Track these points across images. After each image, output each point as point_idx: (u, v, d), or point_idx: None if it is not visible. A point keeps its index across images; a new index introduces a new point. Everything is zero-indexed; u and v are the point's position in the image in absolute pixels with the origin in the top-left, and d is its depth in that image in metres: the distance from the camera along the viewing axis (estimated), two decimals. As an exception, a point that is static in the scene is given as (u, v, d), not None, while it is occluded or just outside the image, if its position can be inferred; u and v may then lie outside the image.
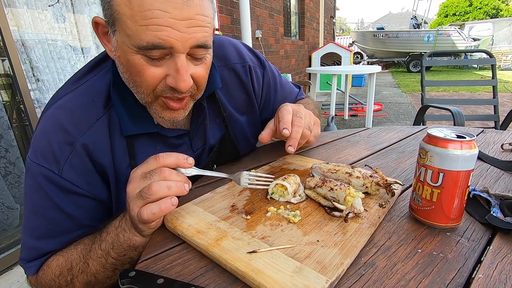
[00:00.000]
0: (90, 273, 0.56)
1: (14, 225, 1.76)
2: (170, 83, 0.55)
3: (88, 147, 0.61)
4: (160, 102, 0.60)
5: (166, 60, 0.54)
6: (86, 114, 0.61)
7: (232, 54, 0.82)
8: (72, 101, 0.62)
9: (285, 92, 0.96)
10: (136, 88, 0.58)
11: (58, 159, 0.58)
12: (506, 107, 4.22)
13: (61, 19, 1.99)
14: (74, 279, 0.57)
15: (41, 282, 0.60)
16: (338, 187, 0.53)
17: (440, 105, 2.00)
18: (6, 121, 1.70)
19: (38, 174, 0.58)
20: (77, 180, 0.60)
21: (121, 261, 0.56)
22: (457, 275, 0.40)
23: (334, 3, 11.56)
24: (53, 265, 0.60)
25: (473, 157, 0.45)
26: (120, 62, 0.57)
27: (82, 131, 0.60)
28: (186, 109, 0.63)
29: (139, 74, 0.55)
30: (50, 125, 0.60)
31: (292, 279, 0.38)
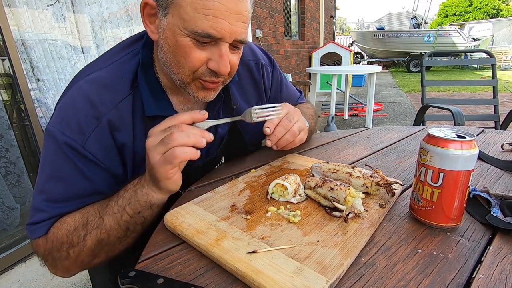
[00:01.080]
0: (104, 230, 0.58)
1: (14, 224, 1.76)
2: (212, 66, 0.61)
3: (113, 124, 0.64)
4: (197, 83, 0.65)
5: (211, 45, 0.60)
6: (114, 92, 0.65)
7: (247, 51, 0.87)
8: (102, 77, 0.66)
9: (289, 93, 1.01)
10: (177, 68, 0.63)
11: (83, 131, 0.62)
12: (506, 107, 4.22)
13: (61, 18, 1.99)
14: (87, 235, 0.58)
15: (52, 240, 0.60)
16: (338, 187, 0.53)
17: (440, 105, 2.00)
18: (6, 121, 1.70)
19: (62, 142, 0.61)
20: (98, 154, 0.63)
21: (135, 220, 0.58)
22: (458, 275, 0.40)
23: (334, 3, 11.55)
24: (69, 221, 0.61)
25: (473, 157, 0.45)
26: (166, 43, 0.61)
27: (109, 107, 0.64)
28: (216, 91, 0.70)
29: (185, 55, 0.60)
30: (80, 97, 0.63)
31: (292, 279, 0.38)
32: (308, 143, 0.96)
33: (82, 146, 0.61)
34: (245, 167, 0.78)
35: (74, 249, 0.58)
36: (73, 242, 0.59)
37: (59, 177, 0.62)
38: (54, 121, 0.62)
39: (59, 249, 0.59)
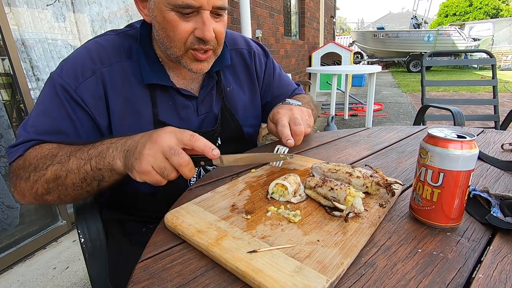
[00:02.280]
0: (65, 169, 0.61)
1: (14, 224, 1.76)
2: (198, 34, 0.68)
3: (106, 79, 0.72)
4: (189, 55, 0.72)
5: (194, 16, 0.67)
6: (112, 55, 0.74)
7: (241, 41, 0.96)
8: (106, 41, 0.76)
9: (283, 83, 1.05)
10: (169, 43, 0.70)
11: (78, 78, 0.70)
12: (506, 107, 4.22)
13: (61, 18, 1.99)
14: (50, 166, 0.62)
15: (25, 158, 0.65)
16: (339, 187, 0.53)
17: (440, 105, 2.00)
18: (6, 120, 1.70)
19: (58, 84, 0.69)
20: (87, 101, 0.70)
21: (93, 174, 0.60)
22: (457, 275, 0.40)
23: (335, 2, 11.55)
24: (45, 148, 0.66)
25: (473, 157, 0.45)
26: (156, 21, 0.69)
27: (105, 64, 0.73)
28: (209, 62, 0.76)
29: (173, 29, 0.67)
30: (83, 53, 0.73)
31: (292, 278, 0.38)
32: (308, 143, 0.96)
33: (74, 90, 0.69)
34: (245, 167, 0.78)
35: (35, 173, 0.62)
36: (37, 167, 0.63)
37: (47, 113, 0.69)
38: (55, 70, 0.71)
39: (25, 169, 0.64)
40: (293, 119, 0.75)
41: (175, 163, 0.53)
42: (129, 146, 0.58)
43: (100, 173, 0.60)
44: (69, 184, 0.62)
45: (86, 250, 0.75)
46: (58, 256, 1.77)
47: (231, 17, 3.54)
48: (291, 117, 0.76)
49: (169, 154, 0.53)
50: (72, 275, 1.63)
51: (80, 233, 0.77)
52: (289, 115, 0.76)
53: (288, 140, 0.71)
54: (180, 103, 0.81)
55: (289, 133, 0.72)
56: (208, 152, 0.55)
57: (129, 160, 0.56)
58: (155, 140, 0.54)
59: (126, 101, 0.74)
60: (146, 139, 0.55)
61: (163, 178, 0.55)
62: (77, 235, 0.78)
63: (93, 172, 0.60)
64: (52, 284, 1.57)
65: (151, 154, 0.53)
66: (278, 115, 0.77)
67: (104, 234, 0.80)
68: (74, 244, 1.87)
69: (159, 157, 0.53)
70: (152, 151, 0.53)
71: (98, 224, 0.80)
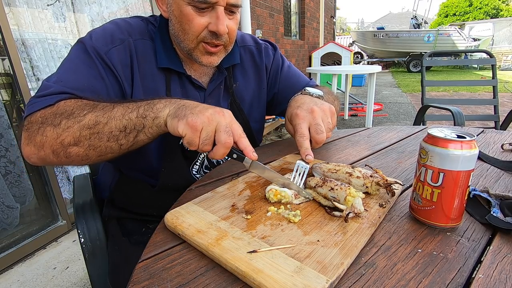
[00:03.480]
0: (107, 115, 0.60)
1: (14, 224, 1.76)
2: (212, 28, 0.71)
3: (133, 47, 0.76)
4: (200, 47, 0.75)
5: (209, 11, 0.71)
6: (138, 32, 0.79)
7: (249, 39, 1.00)
8: (133, 21, 0.81)
9: (292, 74, 1.04)
10: (183, 35, 0.74)
11: (108, 44, 0.73)
12: (506, 107, 4.23)
13: (61, 18, 1.99)
14: (90, 113, 0.60)
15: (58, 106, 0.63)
16: (339, 187, 0.53)
17: (440, 105, 2.00)
18: (6, 120, 1.70)
19: (90, 46, 0.71)
20: (117, 66, 0.73)
21: (134, 124, 0.60)
22: (457, 275, 0.40)
23: (335, 2, 11.54)
24: (84, 100, 0.65)
25: (473, 157, 0.45)
26: (173, 15, 0.74)
27: (134, 36, 0.77)
28: (220, 56, 0.79)
29: (189, 22, 0.71)
30: (111, 25, 0.77)
31: (292, 279, 0.38)
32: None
33: (105, 54, 0.72)
34: (246, 167, 0.78)
35: (69, 120, 0.60)
36: (73, 114, 0.61)
37: (77, 70, 0.69)
38: (85, 36, 0.74)
39: (55, 116, 0.61)
40: (314, 125, 0.69)
41: (222, 139, 0.55)
42: (186, 103, 0.60)
43: (143, 121, 0.60)
44: (106, 132, 0.60)
45: (86, 250, 0.75)
46: (58, 256, 1.77)
47: (231, 17, 3.53)
48: (311, 122, 0.69)
49: (223, 130, 0.55)
50: (72, 275, 1.63)
51: (80, 233, 0.77)
52: (309, 120, 0.70)
53: (307, 156, 0.64)
54: (189, 91, 0.83)
55: (309, 146, 0.66)
56: (249, 152, 0.58)
57: (182, 111, 0.57)
58: (218, 112, 0.57)
59: (146, 77, 0.78)
60: (208, 106, 0.58)
61: (199, 144, 0.56)
62: (77, 235, 0.78)
63: (137, 119, 0.60)
64: (52, 284, 1.57)
65: (210, 118, 0.56)
66: (297, 119, 0.71)
67: (104, 234, 0.80)
68: (74, 244, 1.87)
69: (213, 126, 0.56)
70: (212, 117, 0.56)
71: (98, 224, 0.80)
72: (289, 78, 1.02)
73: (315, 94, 0.80)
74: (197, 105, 0.59)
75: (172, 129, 0.57)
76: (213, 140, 0.56)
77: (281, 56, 1.04)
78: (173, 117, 0.58)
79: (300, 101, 0.76)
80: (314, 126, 0.68)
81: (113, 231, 0.84)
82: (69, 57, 0.72)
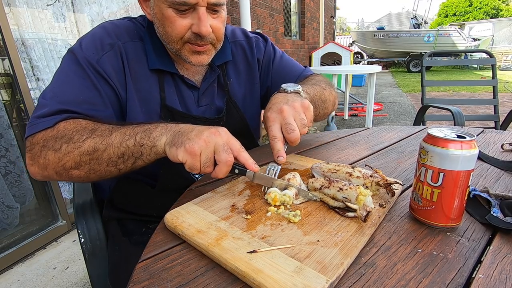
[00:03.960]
0: (105, 142, 0.61)
1: (14, 224, 1.76)
2: (194, 29, 0.71)
3: (123, 51, 0.75)
4: (187, 47, 0.74)
5: (190, 12, 0.70)
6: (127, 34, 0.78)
7: (240, 34, 0.98)
8: (121, 23, 0.80)
9: (285, 64, 1.02)
10: (168, 38, 0.74)
11: (98, 51, 0.72)
12: (506, 107, 4.23)
13: (61, 18, 1.99)
14: (89, 139, 0.61)
15: (58, 130, 0.64)
16: (348, 186, 0.53)
17: (440, 105, 2.00)
18: (6, 120, 1.70)
19: (81, 57, 0.71)
20: (109, 72, 0.73)
21: (132, 151, 0.61)
22: (457, 275, 0.40)
23: (335, 2, 11.54)
24: (82, 122, 0.66)
25: (473, 157, 0.45)
26: (156, 18, 0.73)
27: (123, 39, 0.76)
28: (209, 55, 0.78)
29: (171, 25, 0.71)
30: (100, 30, 0.76)
31: (292, 279, 0.38)
32: (308, 143, 0.96)
33: (97, 62, 0.71)
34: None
35: (69, 145, 0.61)
36: (72, 139, 0.62)
37: (70, 83, 0.69)
38: (74, 46, 0.73)
39: (56, 140, 0.62)
40: (285, 125, 0.66)
41: (222, 159, 0.56)
42: (182, 129, 0.60)
43: (140, 149, 0.61)
44: (105, 158, 0.61)
45: (86, 250, 0.75)
46: (58, 256, 1.77)
47: (231, 17, 3.54)
48: (282, 122, 0.66)
49: (221, 149, 0.56)
50: (72, 275, 1.63)
51: (80, 233, 0.77)
52: (279, 121, 0.67)
53: (278, 157, 0.63)
54: (183, 91, 0.83)
55: (281, 148, 0.64)
56: (250, 165, 0.59)
57: (179, 138, 0.58)
58: (214, 132, 0.58)
59: (139, 79, 0.77)
60: (204, 128, 0.59)
61: (201, 167, 0.57)
62: (77, 235, 0.78)
63: (134, 147, 0.61)
64: (52, 284, 1.57)
65: (207, 141, 0.56)
66: (268, 122, 0.68)
67: (104, 234, 0.80)
68: (74, 244, 1.87)
69: (211, 148, 0.56)
70: (208, 139, 0.56)
71: (98, 224, 0.80)
72: (281, 69, 1.00)
73: (291, 90, 0.76)
74: (192, 129, 0.59)
75: (172, 157, 0.58)
76: (214, 160, 0.57)
77: (273, 46, 1.02)
78: (171, 145, 0.58)
79: (272, 101, 0.73)
80: (284, 126, 0.66)
81: (113, 231, 0.84)
82: (61, 68, 0.72)
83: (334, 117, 3.86)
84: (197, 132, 0.58)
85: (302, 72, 1.01)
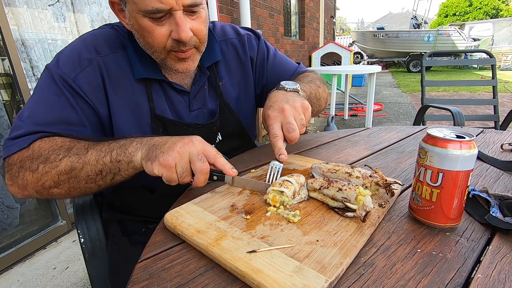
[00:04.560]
0: (82, 160, 0.61)
1: (14, 224, 1.76)
2: (174, 36, 0.67)
3: (102, 66, 0.72)
4: (172, 56, 0.72)
5: (167, 19, 0.66)
6: (109, 45, 0.75)
7: (230, 31, 0.95)
8: (101, 33, 0.77)
9: (279, 62, 1.00)
10: (150, 48, 0.71)
11: (75, 68, 0.70)
12: (506, 107, 4.22)
13: (61, 18, 1.99)
14: (65, 158, 0.61)
15: (33, 150, 0.64)
16: (347, 186, 0.53)
17: (440, 105, 2.00)
18: (6, 121, 1.70)
19: (56, 75, 0.69)
20: (86, 89, 0.70)
21: (109, 168, 0.61)
22: (456, 275, 0.40)
23: (334, 3, 11.54)
24: (58, 141, 0.65)
25: (472, 157, 0.45)
26: (134, 29, 0.70)
27: (103, 52, 0.73)
28: (194, 60, 0.75)
29: (150, 35, 0.67)
30: (78, 44, 0.74)
31: (291, 278, 0.38)
32: (308, 143, 0.96)
33: (73, 80, 0.69)
34: (245, 167, 0.78)
35: (45, 165, 0.61)
36: (49, 158, 0.62)
37: (46, 102, 0.68)
38: (52, 62, 0.71)
39: (32, 160, 0.62)
40: (286, 124, 0.67)
41: (198, 168, 0.56)
42: (156, 142, 0.60)
43: (118, 165, 0.61)
44: (83, 176, 0.62)
45: (86, 250, 0.75)
46: (58, 256, 1.77)
47: (231, 17, 3.54)
48: (283, 122, 0.67)
49: (196, 159, 0.56)
50: (72, 275, 1.63)
51: (80, 233, 0.77)
52: (280, 120, 0.68)
53: (280, 155, 0.64)
54: (173, 97, 0.81)
55: (282, 146, 0.65)
56: (228, 170, 0.59)
57: (153, 152, 0.58)
58: (187, 142, 0.58)
59: (124, 92, 0.75)
60: (177, 139, 0.59)
61: (178, 178, 0.57)
62: (77, 235, 0.78)
63: (112, 164, 0.61)
64: (52, 284, 1.57)
65: (180, 152, 0.56)
66: (269, 120, 0.69)
67: (104, 234, 0.80)
68: (74, 244, 1.87)
69: (185, 158, 0.57)
70: (182, 150, 0.57)
71: (98, 224, 0.80)
72: (276, 66, 0.99)
73: (290, 88, 0.77)
74: (165, 141, 0.59)
75: (149, 172, 0.58)
76: (191, 170, 0.58)
77: (266, 44, 0.99)
78: (146, 160, 0.59)
79: (272, 99, 0.73)
80: (285, 125, 0.67)
81: (113, 231, 0.84)
82: (38, 87, 0.70)
83: (334, 117, 3.86)
84: (170, 144, 0.58)
85: (296, 68, 1.02)
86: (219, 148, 0.91)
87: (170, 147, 0.57)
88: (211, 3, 2.79)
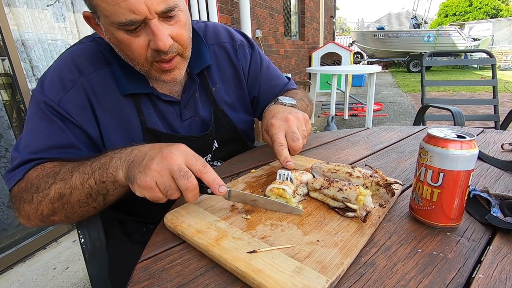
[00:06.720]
0: (68, 186, 0.59)
1: (14, 224, 1.76)
2: (152, 46, 0.62)
3: (86, 85, 0.69)
4: (155, 67, 0.67)
5: (143, 29, 0.61)
6: (90, 62, 0.71)
7: (224, 34, 0.90)
8: (81, 49, 0.73)
9: (271, 76, 0.98)
10: (132, 61, 0.67)
11: (59, 92, 0.67)
12: (506, 107, 4.22)
13: (61, 18, 1.99)
14: (53, 184, 0.59)
15: (27, 180, 0.63)
16: (347, 186, 0.53)
17: (440, 105, 2.00)
18: (6, 121, 1.70)
19: (41, 102, 0.67)
20: (72, 112, 0.68)
21: (98, 188, 0.58)
22: (457, 275, 0.40)
23: (334, 3, 11.55)
24: (47, 167, 0.64)
25: (473, 157, 0.45)
26: (112, 43, 0.65)
27: (86, 71, 0.70)
28: (180, 68, 0.70)
29: (128, 48, 0.63)
30: (60, 65, 0.71)
31: (292, 279, 0.38)
32: (308, 143, 0.96)
33: (58, 105, 0.67)
34: (245, 167, 0.78)
35: (38, 194, 0.60)
36: (39, 188, 0.60)
37: (36, 130, 0.67)
38: (37, 86, 0.69)
39: (27, 191, 0.61)
40: (290, 134, 0.67)
41: (182, 186, 0.50)
42: (135, 157, 0.54)
43: (104, 186, 0.57)
44: (75, 201, 0.59)
45: (86, 250, 0.75)
46: (58, 256, 1.77)
47: (231, 17, 3.54)
48: (287, 131, 0.68)
49: (178, 175, 0.50)
50: (72, 275, 1.63)
51: (80, 233, 0.76)
52: (285, 129, 0.68)
53: (287, 162, 0.64)
54: (163, 108, 0.78)
55: (288, 154, 0.65)
56: (215, 189, 0.52)
57: (131, 172, 0.52)
58: (165, 156, 0.50)
59: (112, 109, 0.72)
60: (155, 152, 0.52)
61: (165, 196, 0.51)
62: (77, 235, 0.78)
63: (97, 185, 0.57)
64: (52, 284, 1.57)
65: (158, 170, 0.50)
66: (273, 129, 0.68)
67: (104, 234, 0.80)
68: (74, 244, 1.87)
69: (166, 175, 0.50)
70: (159, 167, 0.50)
71: (98, 224, 0.80)
72: (268, 80, 0.96)
73: (288, 103, 0.80)
74: (143, 156, 0.53)
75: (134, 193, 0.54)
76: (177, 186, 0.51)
77: (259, 54, 0.95)
78: (128, 180, 0.54)
79: (274, 110, 0.74)
80: (290, 134, 0.67)
81: (113, 231, 0.84)
82: (28, 115, 0.69)
83: (334, 117, 3.86)
84: (148, 160, 0.51)
85: (286, 84, 1.01)
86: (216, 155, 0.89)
87: (146, 165, 0.51)
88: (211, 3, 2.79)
